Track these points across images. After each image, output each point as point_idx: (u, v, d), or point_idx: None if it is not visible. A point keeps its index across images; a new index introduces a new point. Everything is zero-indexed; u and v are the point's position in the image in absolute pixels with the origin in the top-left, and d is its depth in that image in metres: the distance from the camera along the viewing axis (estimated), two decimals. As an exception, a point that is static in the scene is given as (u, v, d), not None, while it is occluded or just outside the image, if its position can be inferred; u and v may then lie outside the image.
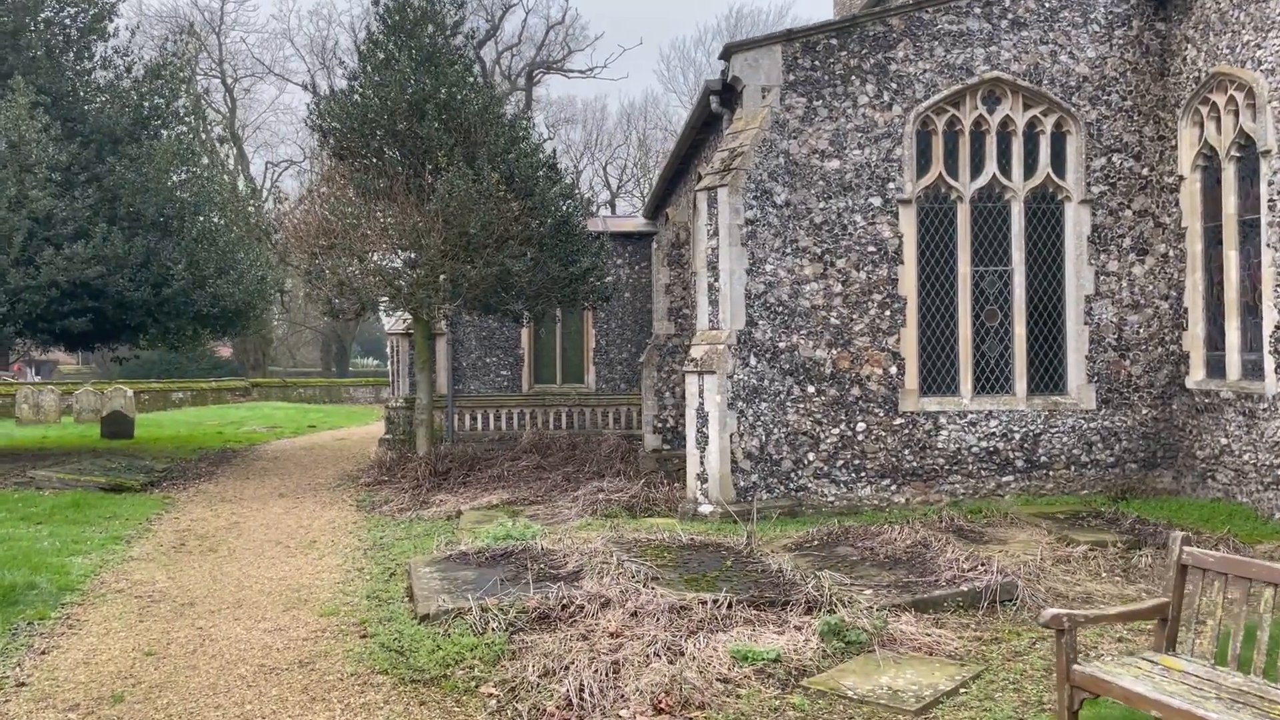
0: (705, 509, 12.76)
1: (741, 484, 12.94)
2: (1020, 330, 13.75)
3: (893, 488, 13.47)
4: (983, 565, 9.48)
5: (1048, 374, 13.91)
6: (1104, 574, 10.04)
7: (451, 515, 14.22)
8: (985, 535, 11.46)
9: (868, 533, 11.23)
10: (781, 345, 13.31)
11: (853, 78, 13.41)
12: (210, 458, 22.81)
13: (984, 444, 13.58)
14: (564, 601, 8.32)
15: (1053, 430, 13.68)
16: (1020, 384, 13.73)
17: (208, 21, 53.61)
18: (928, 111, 13.50)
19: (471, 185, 16.41)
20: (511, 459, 18.92)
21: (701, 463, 12.91)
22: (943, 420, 13.55)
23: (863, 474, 13.44)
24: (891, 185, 13.47)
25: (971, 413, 13.58)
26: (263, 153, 59.70)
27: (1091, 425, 13.74)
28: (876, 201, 13.45)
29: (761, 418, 13.12)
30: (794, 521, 12.70)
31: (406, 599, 9.41)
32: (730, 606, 8.26)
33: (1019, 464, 13.63)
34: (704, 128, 16.25)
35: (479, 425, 24.60)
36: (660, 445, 19.27)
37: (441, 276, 16.82)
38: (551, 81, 73.88)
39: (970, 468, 13.56)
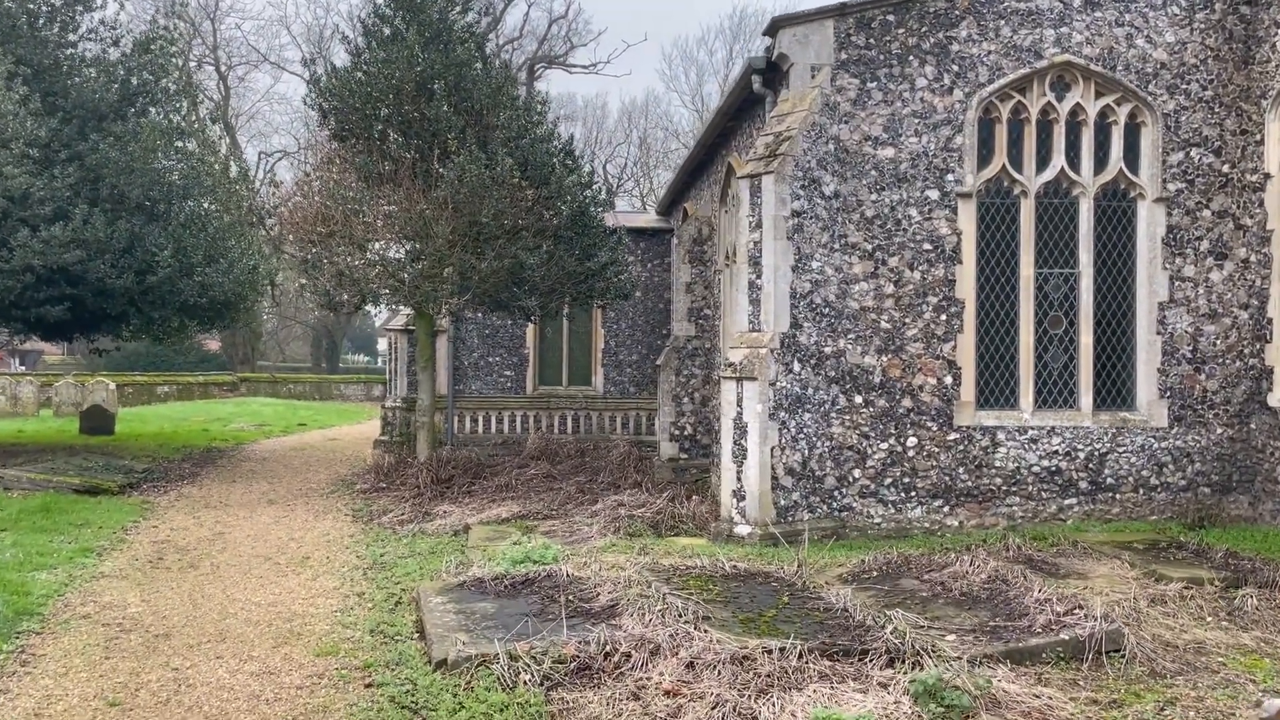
0: (742, 530, 11.53)
1: (782, 503, 11.71)
2: (1086, 339, 12.56)
3: (945, 509, 12.26)
4: (1079, 608, 8.27)
5: (1115, 388, 12.72)
6: (1208, 617, 8.83)
7: (458, 530, 12.96)
8: (1061, 568, 10.24)
9: (932, 563, 10.01)
10: (827, 350, 12.08)
11: (910, 58, 12.20)
12: (194, 457, 21.47)
13: (1045, 463, 12.37)
14: (607, 649, 7.07)
15: (1120, 449, 12.48)
16: (1086, 398, 12.54)
17: (202, 6, 52.21)
18: (991, 97, 12.30)
19: (484, 171, 15.15)
20: (519, 466, 17.66)
21: (738, 478, 11.67)
22: (1001, 436, 12.34)
23: (913, 494, 12.22)
24: (950, 177, 12.26)
25: (1032, 428, 12.38)
26: (256, 142, 58.39)
27: (1163, 445, 12.54)
28: (934, 195, 12.25)
29: (804, 430, 11.89)
30: (840, 546, 11.48)
31: (417, 636, 8.14)
32: (800, 656, 7.03)
33: (1083, 486, 12.43)
34: (737, 114, 15.02)
35: (480, 428, 23.32)
36: (677, 454, 18.04)
37: (448, 269, 15.54)
38: (553, 76, 72.71)
39: (1030, 489, 12.35)
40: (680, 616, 7.79)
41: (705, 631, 7.48)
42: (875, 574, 9.82)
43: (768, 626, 7.80)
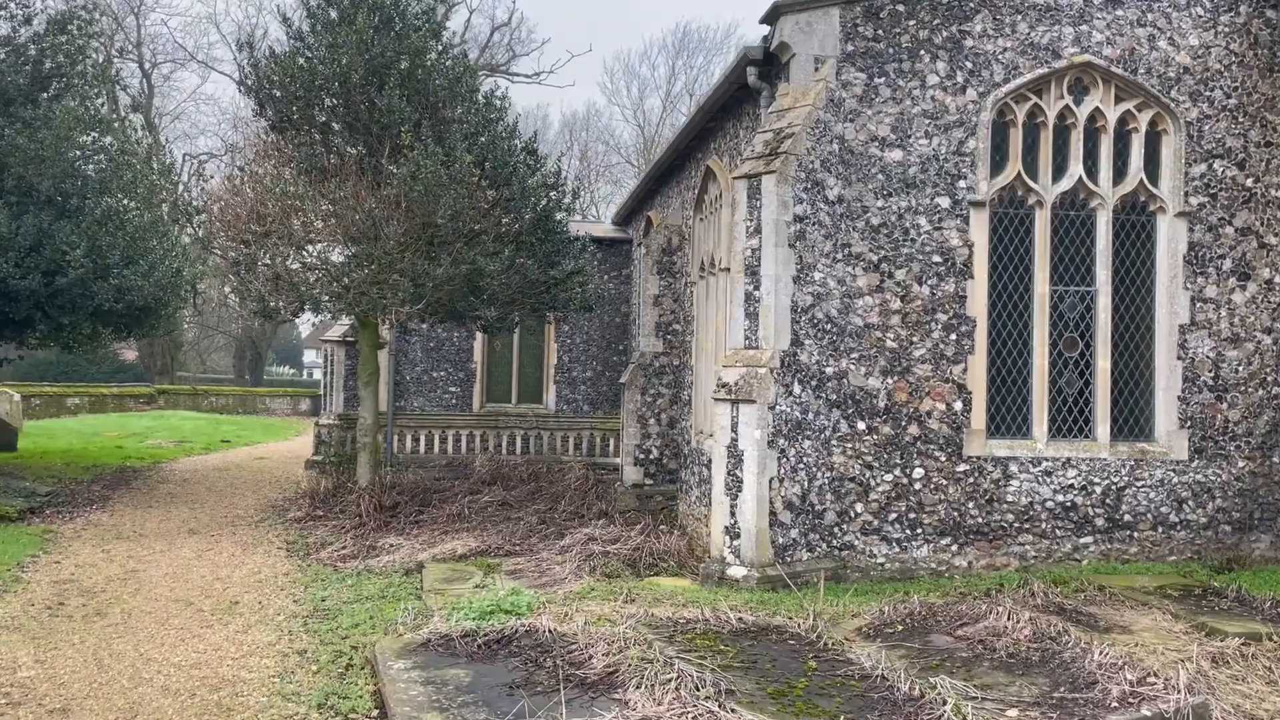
0: (736, 572, 10.25)
1: (780, 541, 10.47)
2: (1104, 363, 11.57)
3: (953, 548, 11.15)
4: (1153, 676, 7.15)
5: (1132, 416, 11.75)
6: (1281, 681, 7.80)
7: (410, 568, 11.47)
8: (1098, 619, 9.15)
9: (959, 614, 8.84)
10: (829, 371, 10.91)
11: (921, 52, 11.13)
12: (106, 478, 19.55)
13: (1060, 498, 11.34)
14: (624, 740, 5.74)
15: (1138, 483, 11.50)
16: (1102, 427, 11.54)
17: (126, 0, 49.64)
18: (1007, 98, 11.28)
19: (441, 168, 13.74)
20: (470, 492, 16.19)
21: (732, 513, 10.41)
22: (1013, 468, 11.27)
23: (919, 530, 11.09)
24: (962, 184, 11.21)
25: (1046, 460, 11.34)
26: (182, 144, 55.65)
27: (1182, 479, 11.59)
28: (944, 202, 11.17)
29: (804, 459, 10.68)
30: (843, 590, 10.27)
31: (376, 713, 6.71)
32: (857, 746, 5.78)
33: (1099, 523, 11.41)
34: (720, 113, 13.83)
35: (422, 448, 21.75)
36: (642, 480, 16.74)
37: (398, 275, 14.05)
38: (493, 85, 70.94)
39: (1044, 526, 11.30)
40: (698, 690, 6.49)
41: (733, 712, 6.18)
42: (900, 628, 8.61)
43: (803, 703, 6.53)
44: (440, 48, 15.63)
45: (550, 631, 7.94)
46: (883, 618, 8.88)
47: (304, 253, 14.62)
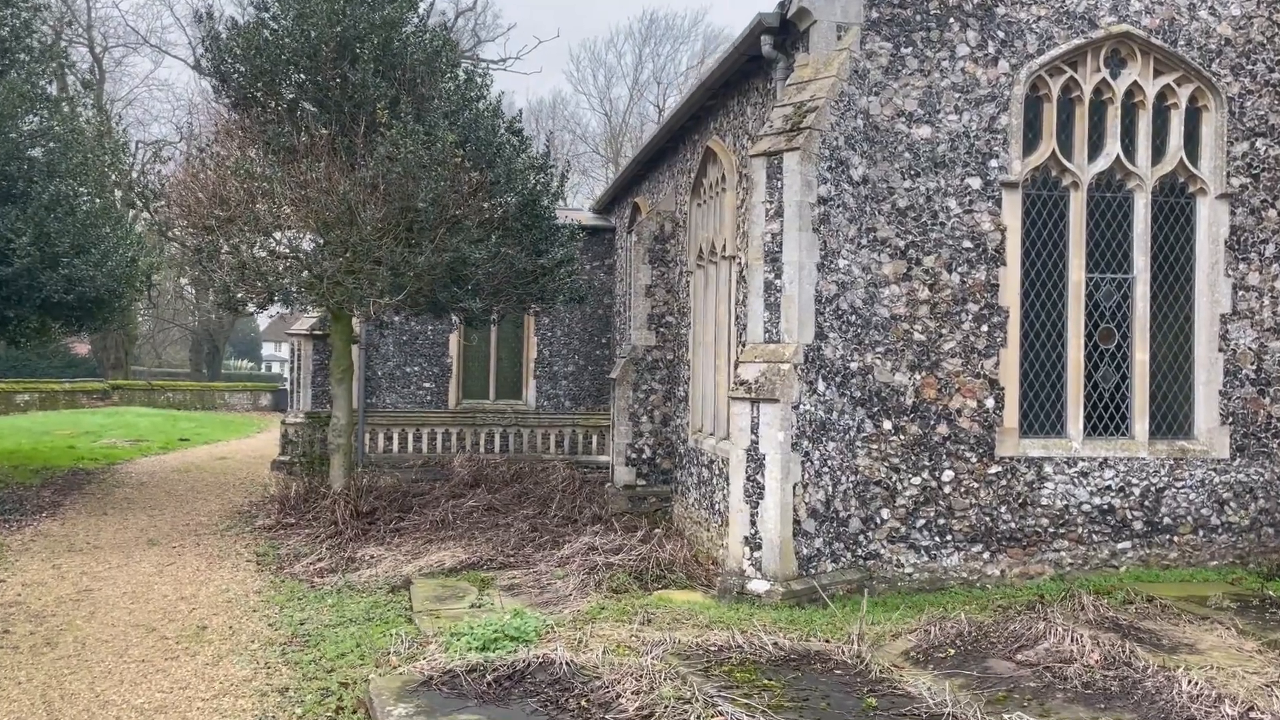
0: (758, 586, 9.37)
1: (804, 552, 9.60)
2: (1142, 355, 10.81)
3: (985, 555, 10.34)
4: (1253, 710, 6.37)
5: (1170, 412, 11.01)
6: (1381, 709, 7.04)
7: (396, 584, 10.47)
8: (1160, 636, 8.37)
9: (1014, 635, 8.02)
10: (853, 366, 10.06)
11: (951, 20, 10.28)
12: (57, 482, 18.30)
13: (1097, 500, 10.57)
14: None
15: (1178, 484, 10.77)
16: (1140, 424, 10.79)
17: (75, -20, 47.73)
18: (1041, 70, 10.46)
19: (421, 147, 12.71)
20: (453, 496, 15.20)
21: (753, 522, 9.52)
22: (1048, 469, 10.49)
23: (949, 537, 10.27)
24: (994, 163, 10.38)
25: (1083, 460, 10.56)
26: (134, 130, 53.77)
27: (1224, 478, 10.88)
28: (975, 183, 10.34)
29: (828, 462, 9.82)
30: (874, 604, 9.41)
31: (379, 772, 5.76)
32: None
33: (1137, 526, 10.67)
34: (723, 89, 12.91)
35: (395, 447, 20.72)
36: (634, 480, 15.80)
37: (376, 264, 13.01)
38: (474, 62, 69.53)
39: (1080, 531, 10.53)
40: (754, 739, 5.60)
41: (802, 768, 5.30)
42: (952, 651, 7.77)
43: (877, 753, 5.66)
44: (417, 19, 14.56)
45: (568, 664, 7.02)
46: (929, 639, 8.04)
47: (272, 240, 13.52)
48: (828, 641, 7.98)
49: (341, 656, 7.98)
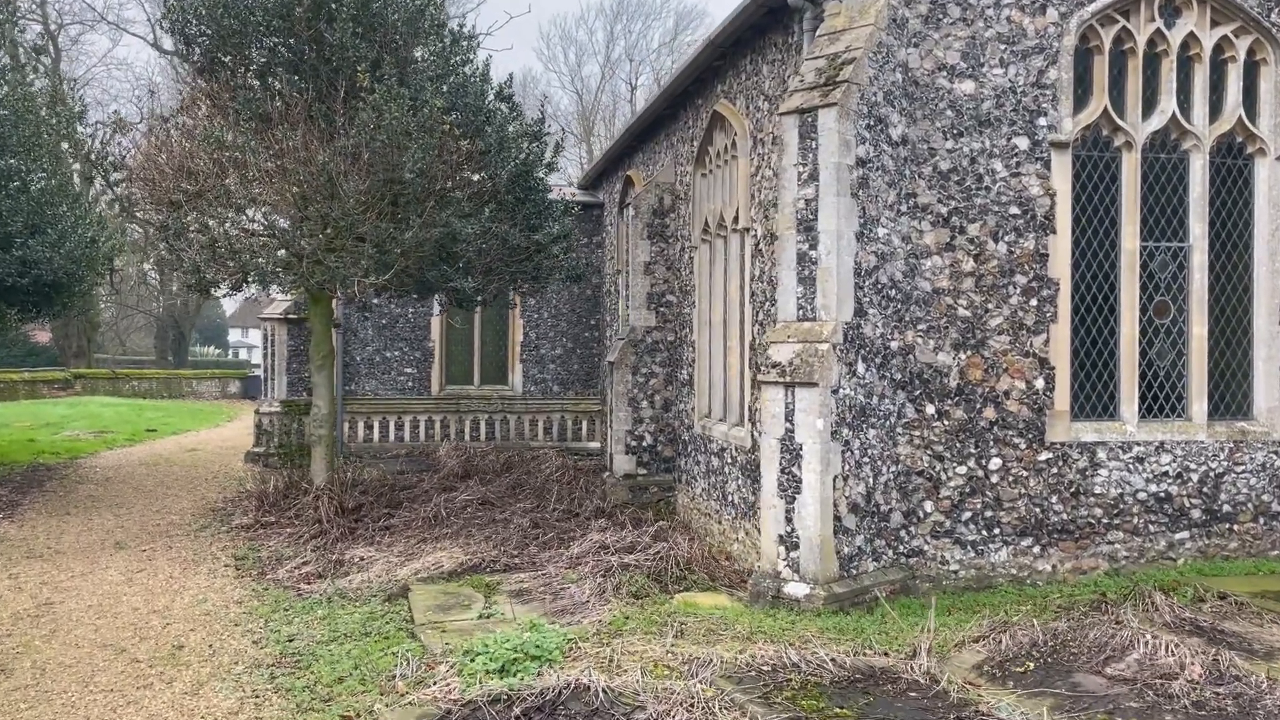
0: (796, 590, 8.47)
1: (845, 550, 8.73)
2: (1199, 330, 10.01)
3: (1035, 550, 9.52)
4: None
5: (1229, 391, 10.22)
6: None
7: (391, 591, 9.49)
8: (1248, 640, 7.57)
9: (1094, 644, 7.18)
10: (894, 346, 9.17)
11: (995, -35, 9.37)
12: (16, 479, 17.12)
13: (1153, 488, 9.77)
14: None
15: (1238, 469, 9.99)
16: (1199, 405, 9.99)
17: (27, -46, 45.79)
18: (1093, 20, 9.58)
19: (407, 113, 11.65)
20: (444, 489, 14.21)
21: (789, 519, 8.62)
22: (1101, 455, 9.67)
23: (996, 531, 9.43)
24: (1042, 122, 9.50)
25: (1138, 444, 9.75)
26: (92, 112, 51.97)
27: (1285, 462, 10.12)
28: (1022, 143, 9.46)
29: (869, 451, 8.94)
30: (922, 607, 8.58)
31: (400, 839, 4.82)
32: None
33: (1195, 515, 9.88)
34: (734, 48, 11.94)
35: (376, 436, 19.69)
36: (634, 470, 14.89)
37: (354, 240, 11.96)
38: (460, 22, 67.80)
39: (1135, 521, 9.72)
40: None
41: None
42: (1031, 664, 6.92)
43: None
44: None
45: (605, 691, 6.11)
46: (1001, 650, 7.19)
47: (244, 216, 12.43)
48: (887, 655, 7.11)
49: (339, 681, 7.01)
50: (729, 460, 12.20)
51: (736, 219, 12.13)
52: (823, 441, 8.49)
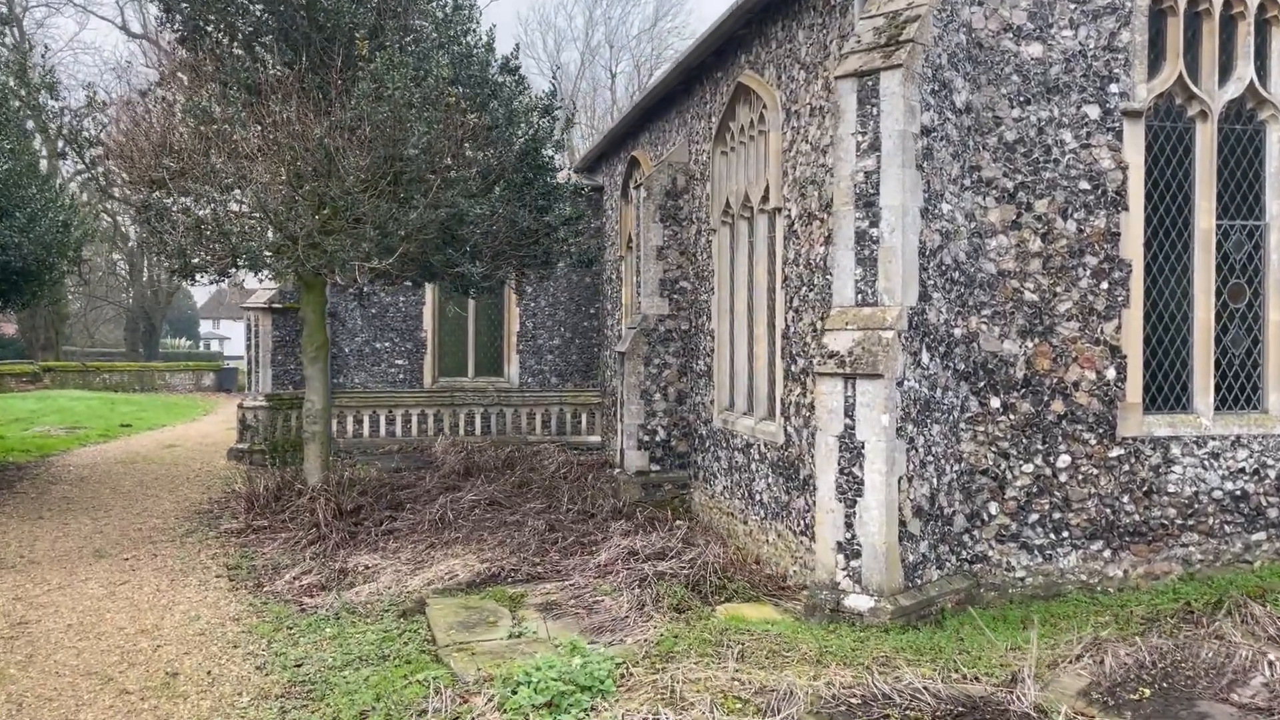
0: (859, 603, 7.68)
1: (910, 558, 7.95)
2: (1277, 315, 9.29)
3: (1105, 554, 8.77)
4: None
5: (1303, 381, 9.51)
6: None
7: (405, 606, 8.61)
8: (1369, 656, 6.85)
9: (1207, 664, 6.45)
10: (957, 333, 8.40)
11: (1064, -84, 8.57)
12: (-17, 480, 16.09)
13: (1229, 485, 9.04)
14: None
15: (1316, 464, 9.29)
16: (1276, 395, 9.28)
17: (-12, -68, 44.18)
18: (1167, -22, 8.82)
19: (411, 83, 10.75)
20: (448, 489, 13.34)
21: (849, 525, 7.82)
22: (1175, 450, 8.93)
23: (1065, 534, 8.68)
24: (1114, 89, 8.72)
25: (1214, 439, 9.02)
26: (63, 97, 50.40)
27: (1365, 456, 9.42)
28: (1093, 112, 8.68)
29: (933, 449, 8.16)
30: (992, 619, 7.84)
31: None
32: None
33: (1272, 515, 9.17)
34: (762, 14, 11.09)
35: (366, 430, 18.76)
36: (647, 466, 14.06)
37: (354, 221, 11.04)
38: None
39: (1210, 521, 9.00)
40: None
41: None
42: (1146, 691, 6.16)
43: None
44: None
45: (676, 731, 5.28)
46: (1104, 673, 6.43)
47: (232, 195, 11.48)
48: (979, 680, 6.34)
49: (362, 717, 6.15)
50: (756, 457, 11.40)
51: (766, 198, 11.31)
52: (888, 439, 7.69)
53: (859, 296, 8.00)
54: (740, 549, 11.13)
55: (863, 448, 7.76)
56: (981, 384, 8.52)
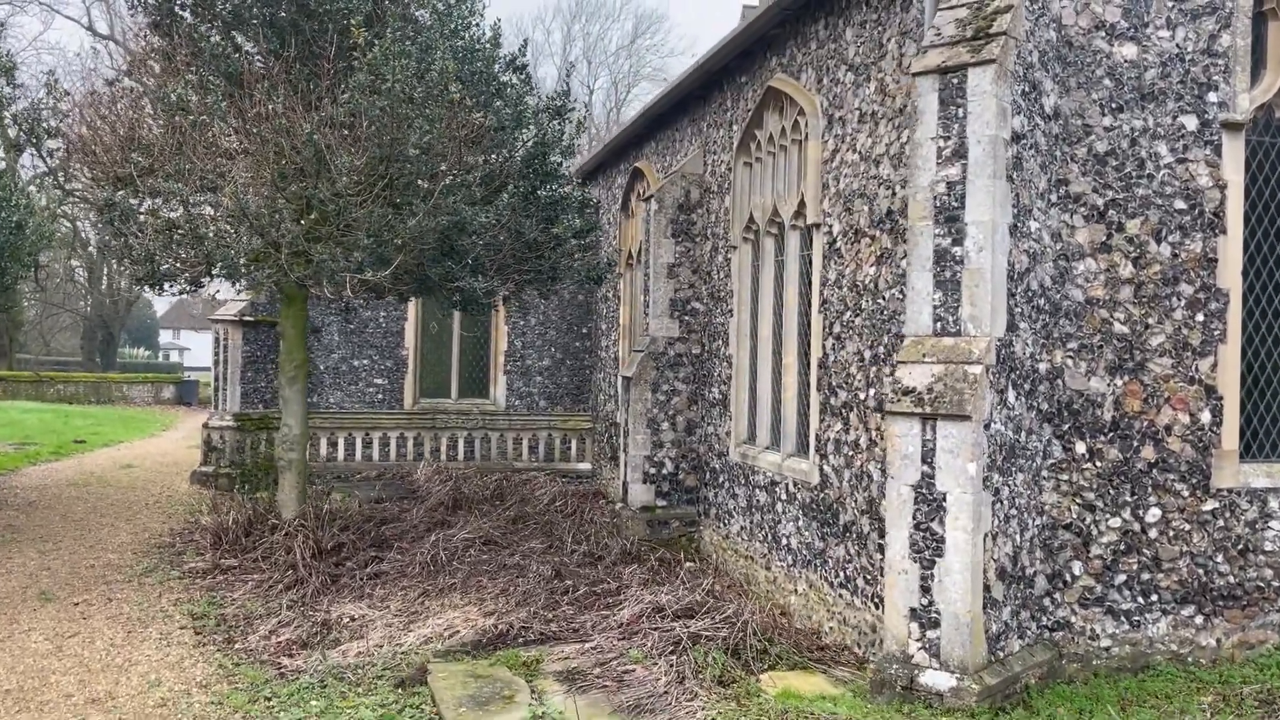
0: (939, 681, 6.61)
1: (993, 628, 6.90)
2: (1381, 355, 8.38)
3: (1197, 620, 7.78)
4: None
5: (1405, 427, 8.61)
6: None
7: (404, 675, 7.42)
8: None
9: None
10: (1041, 369, 7.40)
11: (1163, -97, 7.65)
12: (-80, 503, 14.65)
13: (1329, 543, 8.10)
14: None
15: None
16: (1380, 443, 8.36)
17: (-50, -75, 42.53)
18: (1271, -23, 7.92)
19: (412, 76, 9.64)
20: (435, 525, 12.15)
21: (925, 589, 6.76)
22: (1273, 504, 7.97)
23: (1154, 598, 7.68)
24: (1212, 97, 7.79)
25: (1313, 491, 8.08)
26: (24, 98, 48.68)
27: None
28: (1190, 123, 7.74)
29: (1016, 501, 7.14)
30: (1079, 696, 6.80)
31: None
32: None
33: (1373, 575, 8.23)
34: (803, 11, 10.10)
35: (341, 453, 17.51)
36: (653, 501, 12.96)
37: (345, 228, 9.88)
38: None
39: (1309, 583, 8.05)
40: None
41: None
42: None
43: None
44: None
45: None
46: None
47: (208, 196, 10.28)
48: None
49: (364, 833, 4.99)
50: (783, 497, 10.35)
51: (800, 213, 10.30)
52: (974, 490, 6.65)
53: (938, 325, 6.97)
54: (762, 597, 10.08)
55: (944, 500, 6.71)
56: (1066, 426, 7.51)
